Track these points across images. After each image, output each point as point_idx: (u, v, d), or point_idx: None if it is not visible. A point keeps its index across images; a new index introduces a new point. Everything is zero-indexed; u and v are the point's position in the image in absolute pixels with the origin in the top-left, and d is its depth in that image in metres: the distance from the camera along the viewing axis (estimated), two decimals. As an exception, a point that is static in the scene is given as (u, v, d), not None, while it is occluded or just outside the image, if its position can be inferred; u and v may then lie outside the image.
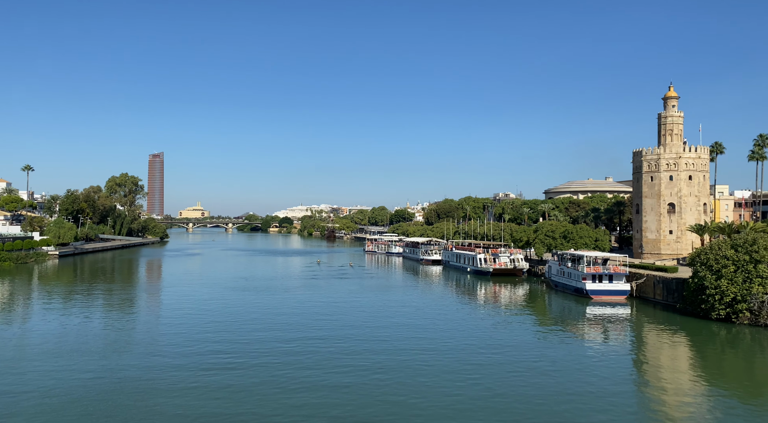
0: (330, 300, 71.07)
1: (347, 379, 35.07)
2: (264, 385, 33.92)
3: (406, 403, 30.92)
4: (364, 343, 45.63)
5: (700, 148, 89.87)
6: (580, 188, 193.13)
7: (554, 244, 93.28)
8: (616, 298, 70.56)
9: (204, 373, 36.42)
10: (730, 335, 50.10)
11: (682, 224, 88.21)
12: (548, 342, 48.10)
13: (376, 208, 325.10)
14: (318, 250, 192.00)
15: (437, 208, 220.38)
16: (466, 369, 38.04)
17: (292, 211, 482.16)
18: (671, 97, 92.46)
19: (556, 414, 29.76)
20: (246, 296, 73.76)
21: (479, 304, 70.76)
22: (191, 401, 30.98)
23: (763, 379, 38.67)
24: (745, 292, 52.53)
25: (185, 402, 30.82)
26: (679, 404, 32.27)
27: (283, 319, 55.91)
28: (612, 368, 39.35)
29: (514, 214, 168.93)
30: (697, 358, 43.77)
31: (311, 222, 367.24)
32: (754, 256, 53.03)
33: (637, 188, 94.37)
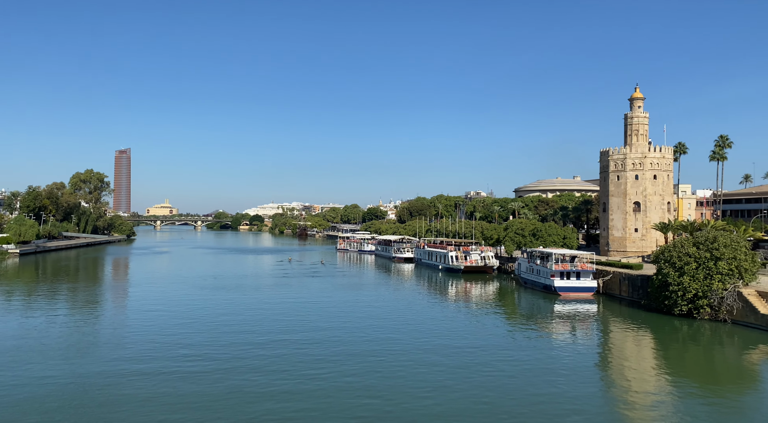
0: (301, 299, 70.59)
1: (318, 382, 34.56)
2: (233, 389, 33.01)
3: (376, 407, 30.59)
4: (335, 343, 45.32)
5: (664, 148, 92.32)
6: (549, 187, 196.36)
7: (524, 241, 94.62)
8: (584, 294, 72.01)
9: (170, 376, 35.58)
10: (692, 330, 51.67)
11: (647, 222, 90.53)
12: (517, 339, 48.77)
13: (349, 206, 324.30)
14: (289, 248, 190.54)
15: (410, 206, 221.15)
16: (437, 369, 38.19)
17: (263, 209, 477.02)
18: (637, 98, 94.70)
19: (525, 409, 30.16)
20: (215, 295, 72.66)
21: (450, 302, 71.29)
22: (156, 406, 30.25)
23: (721, 372, 40.00)
24: (706, 289, 54.23)
25: (150, 407, 30.02)
26: (644, 397, 33.12)
27: (253, 320, 55.22)
28: (579, 364, 40.13)
29: (485, 213, 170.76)
30: (661, 353, 45.00)
31: (283, 220, 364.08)
32: (715, 254, 54.77)
33: (604, 187, 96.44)
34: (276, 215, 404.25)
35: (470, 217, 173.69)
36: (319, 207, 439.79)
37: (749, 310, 51.64)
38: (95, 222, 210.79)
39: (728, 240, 55.90)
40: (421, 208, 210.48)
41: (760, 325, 50.22)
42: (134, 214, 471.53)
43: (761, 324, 50.11)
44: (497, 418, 28.88)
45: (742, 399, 33.55)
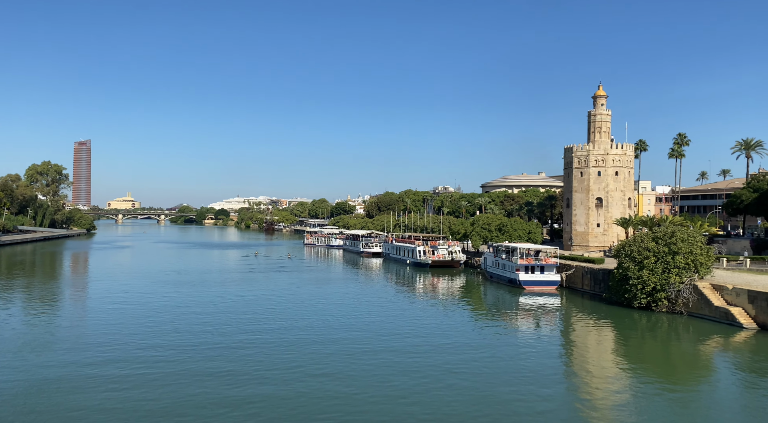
0: (268, 295, 69.84)
1: (283, 379, 34.04)
2: (193, 391, 31.83)
3: (341, 407, 30.23)
4: (302, 341, 44.90)
5: (626, 145, 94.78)
6: (515, 182, 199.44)
7: (490, 236, 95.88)
8: (547, 288, 73.47)
9: (130, 375, 34.58)
10: (650, 323, 53.31)
11: (608, 218, 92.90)
12: (482, 333, 49.42)
13: (317, 201, 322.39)
14: (256, 242, 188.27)
15: (378, 201, 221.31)
16: (402, 362, 38.30)
17: (229, 203, 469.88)
18: (600, 95, 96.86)
19: (489, 401, 30.56)
20: (179, 290, 71.18)
21: (418, 296, 71.71)
22: (114, 405, 29.45)
23: (677, 363, 41.42)
24: (664, 282, 56.01)
25: (108, 411, 29.11)
26: (604, 388, 34.00)
27: (217, 316, 54.24)
28: (542, 356, 40.93)
29: (453, 208, 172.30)
30: (621, 345, 46.30)
31: (249, 214, 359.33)
32: (672, 248, 56.59)
33: (568, 183, 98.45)
34: (242, 209, 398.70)
35: (438, 212, 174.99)
36: (287, 201, 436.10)
37: (704, 303, 53.59)
38: (53, 215, 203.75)
39: (685, 235, 57.82)
40: (389, 202, 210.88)
41: (714, 316, 52.20)
42: (95, 208, 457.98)
43: (715, 316, 52.09)
44: (462, 411, 29.17)
45: (696, 388, 34.82)
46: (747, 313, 50.18)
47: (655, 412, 29.59)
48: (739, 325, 49.18)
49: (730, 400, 32.08)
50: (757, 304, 49.46)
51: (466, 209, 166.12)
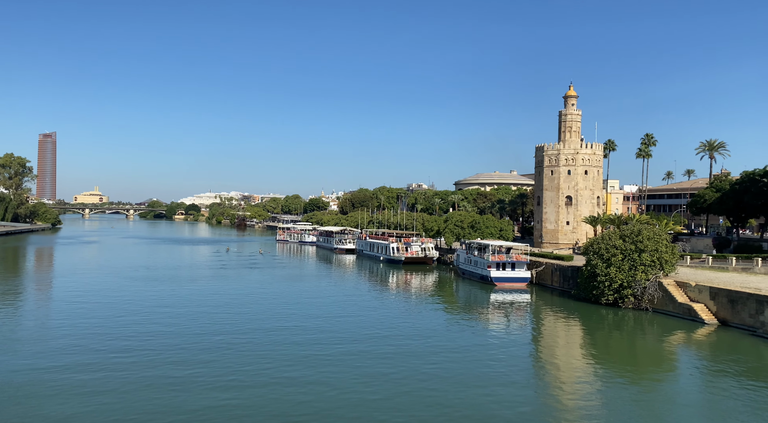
0: (239, 291, 69.12)
1: (252, 382, 33.47)
2: (159, 394, 31.10)
3: (312, 405, 29.93)
4: (273, 338, 44.63)
5: (595, 144, 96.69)
6: (488, 180, 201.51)
7: (463, 233, 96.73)
8: (518, 285, 74.58)
9: (92, 379, 33.56)
10: (617, 318, 54.65)
11: (578, 216, 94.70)
12: (455, 328, 49.92)
13: (290, 197, 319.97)
14: (227, 238, 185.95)
15: (352, 198, 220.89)
16: (374, 362, 38.41)
17: (200, 198, 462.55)
18: (571, 95, 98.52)
19: (459, 397, 30.89)
20: (147, 287, 69.84)
21: (390, 293, 71.93)
22: (75, 410, 28.65)
23: (642, 358, 42.58)
24: (631, 279, 57.45)
25: (68, 412, 28.20)
26: (572, 384, 34.76)
27: (186, 313, 53.45)
28: (513, 351, 41.58)
29: (426, 205, 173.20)
30: (588, 340, 47.36)
31: (220, 209, 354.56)
32: (639, 246, 58.06)
33: (539, 181, 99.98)
34: (213, 205, 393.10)
35: (412, 208, 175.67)
36: (259, 197, 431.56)
37: (668, 299, 55.18)
38: (15, 209, 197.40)
39: (651, 233, 59.37)
40: (363, 199, 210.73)
41: (677, 313, 53.79)
42: (60, 202, 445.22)
43: (679, 312, 53.68)
44: (432, 409, 29.42)
45: (660, 382, 35.84)
46: (708, 309, 51.86)
47: (621, 405, 30.38)
48: (701, 321, 50.80)
49: (692, 393, 33.16)
50: (718, 301, 51.16)
51: (439, 206, 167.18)
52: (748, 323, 47.68)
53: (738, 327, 48.30)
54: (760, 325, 46.06)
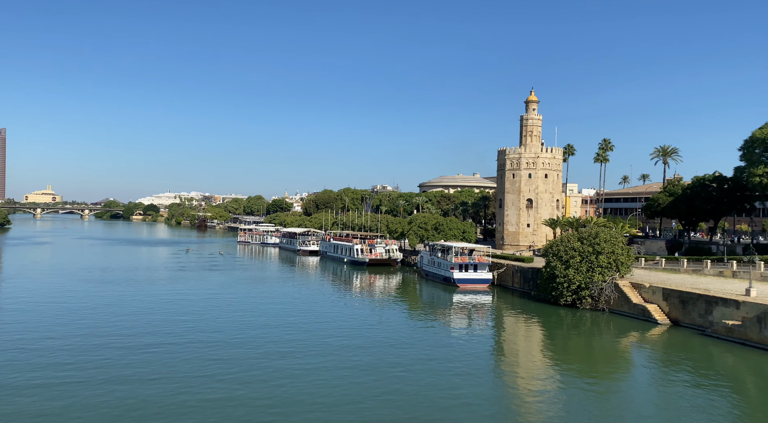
0: (199, 294, 67.57)
1: (209, 388, 32.71)
2: (111, 400, 30.33)
3: (269, 415, 29.30)
4: (232, 344, 43.72)
5: (555, 149, 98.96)
6: (451, 183, 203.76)
7: (426, 235, 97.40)
8: (480, 286, 75.53)
9: (39, 387, 32.31)
10: (575, 319, 55.95)
11: (538, 218, 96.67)
12: (417, 329, 50.10)
13: (252, 197, 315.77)
14: (187, 240, 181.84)
15: (316, 199, 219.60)
16: (336, 363, 38.17)
17: (159, 198, 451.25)
18: (532, 100, 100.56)
19: (423, 397, 30.98)
20: (102, 290, 67.49)
21: (354, 295, 71.69)
22: (17, 419, 27.50)
23: (599, 357, 43.68)
24: (588, 280, 58.94)
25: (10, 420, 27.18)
26: (532, 383, 35.34)
27: (143, 318, 51.87)
28: (475, 353, 42.01)
29: (391, 206, 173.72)
30: (548, 340, 48.31)
31: (180, 210, 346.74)
32: (596, 248, 59.64)
33: (501, 184, 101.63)
34: (173, 205, 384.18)
35: (376, 210, 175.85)
36: (221, 197, 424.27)
37: (624, 300, 56.85)
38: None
39: (608, 236, 61.08)
40: (327, 200, 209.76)
41: (632, 313, 55.48)
42: (10, 201, 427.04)
43: (634, 312, 55.37)
44: (394, 410, 29.39)
45: (615, 381, 36.88)
46: (661, 309, 53.67)
47: (578, 404, 31.05)
48: (654, 321, 52.53)
49: (645, 391, 34.20)
50: (670, 301, 53.02)
51: (403, 208, 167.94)
52: (697, 323, 49.57)
53: (688, 326, 50.16)
54: (709, 325, 47.95)
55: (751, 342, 43.26)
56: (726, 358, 41.56)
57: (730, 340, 44.82)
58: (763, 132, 72.14)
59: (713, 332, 46.92)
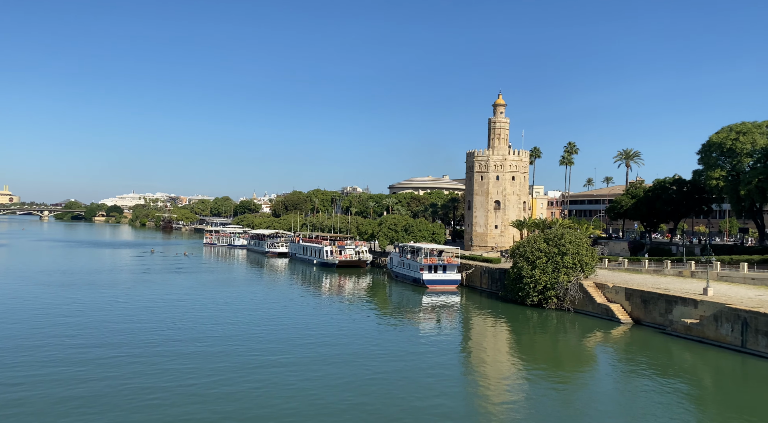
0: (164, 298, 66.06)
1: (172, 401, 31.91)
2: (65, 409, 29.76)
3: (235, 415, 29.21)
4: (196, 351, 42.83)
5: (522, 151, 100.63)
6: (421, 185, 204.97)
7: (396, 236, 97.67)
8: (449, 287, 76.13)
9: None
10: (541, 319, 56.93)
11: (505, 220, 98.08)
12: (386, 331, 50.14)
13: (220, 199, 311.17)
14: (152, 241, 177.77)
15: (285, 200, 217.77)
16: (304, 368, 37.87)
17: (123, 199, 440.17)
18: (500, 104, 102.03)
19: (391, 397, 31.00)
20: (61, 293, 65.28)
21: (323, 297, 71.29)
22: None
23: (564, 356, 44.54)
24: (554, 281, 60.07)
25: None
26: (499, 383, 35.76)
27: (102, 322, 50.25)
28: (443, 353, 42.27)
29: (361, 208, 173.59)
30: (515, 341, 49.00)
31: (145, 211, 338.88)
32: (562, 249, 60.84)
33: (469, 186, 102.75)
34: (137, 206, 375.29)
35: (346, 212, 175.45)
36: (187, 199, 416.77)
37: (588, 300, 58.14)
38: None
39: (573, 237, 62.40)
40: (297, 202, 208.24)
41: (596, 313, 56.78)
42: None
43: (597, 312, 56.68)
44: (361, 411, 29.32)
45: (580, 379, 37.67)
46: (624, 309, 55.09)
47: (544, 402, 31.56)
48: (617, 320, 53.87)
49: (609, 389, 35.03)
50: (632, 301, 54.47)
51: (373, 210, 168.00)
52: (658, 322, 51.07)
53: (650, 325, 51.62)
54: (669, 324, 49.45)
55: (708, 340, 44.79)
56: (684, 355, 42.91)
57: (688, 338, 46.31)
58: (720, 137, 74.95)
59: (673, 331, 48.40)
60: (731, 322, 43.06)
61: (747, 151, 72.32)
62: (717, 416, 30.57)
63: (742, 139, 72.31)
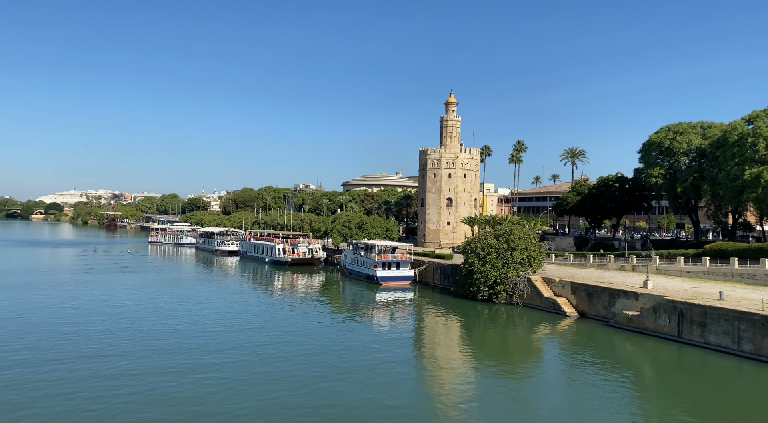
0: (107, 299, 63.44)
1: (111, 409, 31.15)
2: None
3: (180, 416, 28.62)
4: (140, 352, 41.52)
5: (473, 149, 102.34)
6: (375, 182, 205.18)
7: (350, 234, 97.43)
8: (402, 283, 76.65)
9: None
10: (491, 313, 58.13)
11: (457, 217, 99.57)
12: (340, 328, 49.96)
13: (167, 196, 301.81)
14: (95, 240, 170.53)
15: (236, 197, 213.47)
16: (255, 363, 37.30)
17: (63, 197, 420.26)
18: (451, 102, 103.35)
19: (343, 394, 30.89)
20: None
21: (275, 296, 70.30)
22: None
23: (513, 349, 45.64)
24: (504, 276, 61.45)
25: None
26: (451, 376, 36.28)
27: (40, 327, 47.91)
28: (396, 348, 42.47)
29: (314, 205, 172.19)
30: (466, 335, 49.82)
31: (87, 209, 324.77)
32: (511, 245, 62.29)
33: (422, 184, 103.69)
34: (79, 204, 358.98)
35: (299, 209, 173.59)
36: (132, 196, 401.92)
37: (536, 294, 59.79)
38: None
39: (521, 233, 63.98)
40: (248, 199, 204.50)
41: (544, 306, 58.47)
42: None
43: (545, 306, 58.38)
44: (310, 404, 29.08)
45: (528, 371, 38.69)
46: (570, 302, 56.98)
47: (495, 396, 32.24)
48: (563, 314, 55.66)
49: (556, 380, 36.14)
50: (577, 295, 56.40)
51: (327, 207, 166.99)
52: (602, 314, 53.10)
53: (594, 318, 53.60)
54: (612, 316, 51.50)
55: (647, 331, 46.93)
56: (626, 346, 44.78)
57: (630, 330, 48.37)
58: (659, 136, 78.59)
59: (616, 323, 50.43)
60: (669, 313, 45.27)
61: (683, 150, 76.14)
62: (656, 404, 32.04)
63: (679, 138, 76.06)
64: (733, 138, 66.48)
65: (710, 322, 41.97)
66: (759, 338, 38.75)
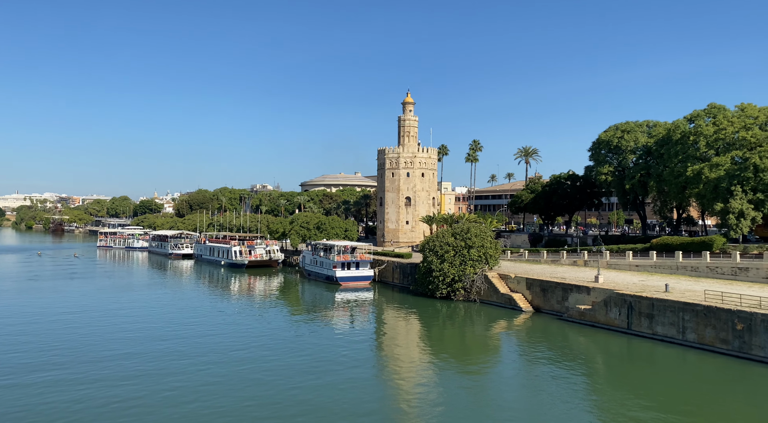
0: (53, 307, 60.72)
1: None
2: None
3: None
4: (87, 360, 39.89)
5: (431, 149, 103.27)
6: (333, 182, 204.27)
7: (309, 235, 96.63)
8: (362, 283, 76.58)
9: None
10: (450, 310, 58.80)
11: (416, 215, 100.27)
12: (299, 330, 49.44)
13: (117, 198, 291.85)
14: (40, 245, 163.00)
15: (190, 199, 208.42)
16: (212, 373, 36.50)
17: (5, 201, 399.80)
18: (408, 102, 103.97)
19: (303, 394, 30.58)
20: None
21: (231, 298, 68.98)
22: None
23: (470, 345, 46.32)
24: (461, 273, 62.26)
25: None
26: (410, 374, 36.46)
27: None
28: (356, 347, 42.37)
29: (272, 206, 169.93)
30: (425, 333, 50.22)
31: (32, 213, 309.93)
32: (468, 243, 63.17)
33: (381, 183, 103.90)
34: (23, 208, 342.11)
35: (256, 210, 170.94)
36: (80, 199, 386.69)
37: (493, 291, 60.85)
38: None
39: (478, 230, 64.98)
40: (203, 201, 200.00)
41: (500, 302, 59.57)
42: None
43: (501, 302, 59.48)
44: (270, 406, 28.68)
45: (486, 365, 39.36)
46: (525, 298, 58.26)
47: (454, 392, 32.58)
48: (519, 309, 56.87)
49: (513, 374, 36.92)
50: (532, 290, 57.73)
51: (285, 208, 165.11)
52: (556, 309, 54.54)
53: (548, 313, 54.98)
54: (565, 310, 52.97)
55: (599, 324, 48.50)
56: (579, 339, 46.14)
57: (582, 323, 49.87)
58: (608, 135, 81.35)
59: (569, 317, 51.89)
60: (619, 306, 46.91)
61: (631, 148, 79.08)
62: (609, 394, 33.14)
63: (627, 137, 78.96)
64: (677, 136, 69.53)
65: (657, 313, 43.73)
66: (701, 328, 40.65)
